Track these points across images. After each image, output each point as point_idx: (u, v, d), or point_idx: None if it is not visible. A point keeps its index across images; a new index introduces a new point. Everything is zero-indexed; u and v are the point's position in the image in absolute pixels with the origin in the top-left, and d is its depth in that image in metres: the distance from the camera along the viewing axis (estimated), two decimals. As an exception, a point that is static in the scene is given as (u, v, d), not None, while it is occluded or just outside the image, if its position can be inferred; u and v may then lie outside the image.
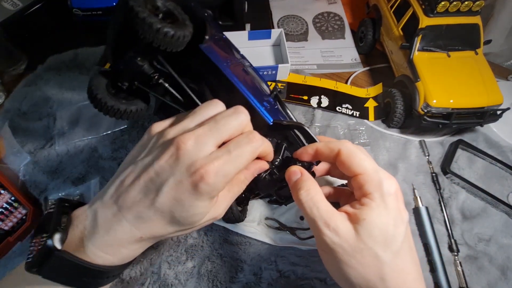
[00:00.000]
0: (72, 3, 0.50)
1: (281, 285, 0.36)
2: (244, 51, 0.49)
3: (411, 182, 0.44)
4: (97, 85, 0.30)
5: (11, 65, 0.55)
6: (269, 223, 0.39)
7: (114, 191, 0.25)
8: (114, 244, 0.24)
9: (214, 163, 0.23)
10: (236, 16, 0.54)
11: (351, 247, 0.23)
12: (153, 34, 0.25)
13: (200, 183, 0.22)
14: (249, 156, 0.25)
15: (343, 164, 0.26)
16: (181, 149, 0.23)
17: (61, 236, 0.24)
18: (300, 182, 0.27)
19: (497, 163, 0.45)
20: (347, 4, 0.66)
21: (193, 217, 0.24)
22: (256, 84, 0.35)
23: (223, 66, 0.30)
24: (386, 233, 0.24)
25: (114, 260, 0.25)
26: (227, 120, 0.25)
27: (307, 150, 0.28)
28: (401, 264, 0.24)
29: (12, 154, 0.45)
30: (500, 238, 0.40)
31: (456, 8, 0.44)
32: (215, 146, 0.24)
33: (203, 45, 0.29)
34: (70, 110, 0.49)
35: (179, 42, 0.27)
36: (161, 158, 0.23)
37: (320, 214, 0.25)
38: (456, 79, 0.43)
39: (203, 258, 0.38)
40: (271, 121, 0.30)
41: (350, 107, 0.51)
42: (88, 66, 0.54)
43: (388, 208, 0.24)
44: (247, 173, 0.27)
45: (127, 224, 0.24)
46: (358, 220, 0.24)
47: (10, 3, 0.55)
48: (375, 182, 0.25)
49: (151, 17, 0.25)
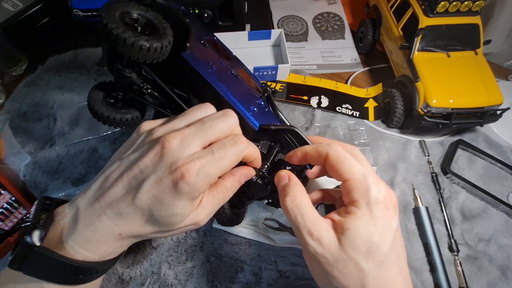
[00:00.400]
0: (72, 3, 0.50)
1: (281, 285, 0.36)
2: (244, 51, 0.49)
3: (411, 182, 0.44)
4: (94, 97, 0.32)
5: (11, 66, 0.55)
6: (268, 223, 0.39)
7: (98, 188, 0.25)
8: (92, 240, 0.24)
9: (196, 162, 0.23)
10: (236, 16, 0.54)
11: (333, 257, 0.23)
12: (128, 49, 0.25)
13: (180, 181, 0.22)
14: (233, 158, 0.25)
15: (332, 169, 0.26)
16: (165, 147, 0.23)
17: (40, 232, 0.24)
18: (287, 188, 0.26)
19: (497, 163, 0.45)
20: (347, 5, 0.66)
21: (172, 217, 0.24)
22: (245, 88, 0.35)
23: (206, 73, 0.30)
24: (370, 243, 0.23)
25: (93, 256, 0.25)
26: (215, 122, 0.25)
27: (296, 154, 0.28)
28: (385, 274, 0.23)
29: (12, 154, 0.46)
30: (500, 238, 0.40)
31: (456, 8, 0.44)
32: (200, 147, 0.24)
33: (185, 53, 0.30)
34: (70, 111, 0.49)
35: (157, 53, 0.27)
36: (146, 156, 0.24)
37: (304, 223, 0.24)
38: (456, 79, 0.43)
39: (203, 258, 0.38)
40: (257, 126, 0.30)
41: (350, 107, 0.51)
42: (88, 66, 0.55)
43: (374, 217, 0.24)
44: (234, 180, 0.27)
45: (106, 220, 0.24)
46: (342, 230, 0.23)
47: (11, 3, 0.55)
48: (363, 189, 0.24)
49: (125, 32, 0.25)
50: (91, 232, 0.24)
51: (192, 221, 0.26)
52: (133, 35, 0.25)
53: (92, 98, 0.32)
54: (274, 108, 0.36)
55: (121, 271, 0.37)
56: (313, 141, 0.31)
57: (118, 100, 0.33)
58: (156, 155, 0.24)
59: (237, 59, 0.40)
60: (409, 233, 0.40)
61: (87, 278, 0.26)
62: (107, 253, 0.26)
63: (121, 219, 0.24)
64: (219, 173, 0.24)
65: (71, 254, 0.24)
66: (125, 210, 0.24)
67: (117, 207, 0.24)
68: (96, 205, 0.24)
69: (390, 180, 0.44)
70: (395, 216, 0.25)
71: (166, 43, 0.27)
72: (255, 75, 0.52)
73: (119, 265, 0.37)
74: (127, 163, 0.25)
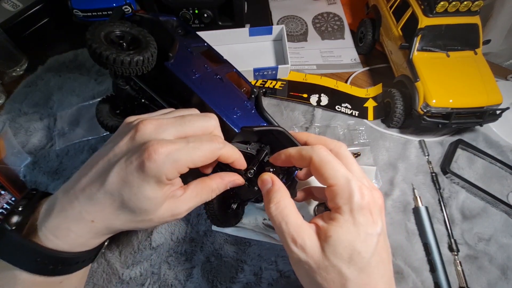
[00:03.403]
0: (72, 4, 0.50)
1: (282, 285, 0.36)
2: (244, 47, 0.49)
3: (411, 182, 0.44)
4: (100, 110, 0.37)
5: (11, 66, 0.55)
6: (267, 223, 0.40)
7: (76, 176, 0.25)
8: (63, 227, 0.24)
9: (167, 145, 0.23)
10: (236, 16, 0.55)
11: (316, 264, 0.23)
12: (111, 64, 0.28)
13: (146, 161, 0.22)
14: (207, 152, 0.25)
15: (316, 173, 0.26)
16: (139, 130, 0.24)
17: (17, 218, 0.24)
18: (270, 194, 0.26)
19: (496, 162, 0.45)
20: (346, 5, 0.66)
21: (143, 202, 0.24)
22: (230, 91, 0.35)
23: (188, 80, 0.31)
24: (352, 250, 0.23)
25: (63, 245, 0.24)
26: (194, 118, 0.26)
27: (280, 156, 0.28)
28: (366, 279, 0.23)
29: (12, 154, 0.46)
30: (500, 238, 0.40)
31: (455, 8, 0.44)
32: (175, 136, 0.25)
33: (168, 63, 0.32)
34: (71, 111, 0.49)
35: (140, 66, 0.29)
36: (121, 140, 0.24)
37: (288, 230, 0.24)
38: (455, 79, 0.44)
39: (203, 258, 0.38)
40: (239, 129, 0.30)
41: (349, 106, 0.51)
42: (88, 66, 0.55)
43: (357, 224, 0.24)
44: (220, 184, 0.27)
45: (78, 206, 0.24)
46: (325, 237, 0.24)
47: (11, 4, 0.55)
48: (345, 195, 0.24)
49: (107, 50, 0.27)
50: (62, 219, 0.24)
51: (171, 211, 0.25)
52: (115, 52, 0.28)
53: (99, 111, 0.36)
54: (261, 110, 0.36)
55: (121, 271, 0.37)
56: (300, 138, 0.30)
57: (121, 111, 0.37)
58: (130, 139, 0.24)
59: (228, 63, 0.41)
60: (409, 233, 0.40)
61: (60, 270, 0.25)
62: (78, 243, 0.25)
63: (92, 205, 0.24)
64: (189, 163, 0.24)
65: (42, 241, 0.24)
66: (96, 195, 0.23)
67: (89, 192, 0.24)
68: (71, 192, 0.24)
69: (390, 180, 0.44)
70: (379, 221, 0.24)
71: (148, 55, 0.29)
72: (255, 75, 0.52)
73: (119, 265, 0.37)
74: (105, 150, 0.25)
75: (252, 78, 0.52)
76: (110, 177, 0.23)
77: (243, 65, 0.46)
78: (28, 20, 0.55)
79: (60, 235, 0.24)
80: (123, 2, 0.51)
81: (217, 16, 0.54)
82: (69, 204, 0.24)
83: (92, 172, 0.24)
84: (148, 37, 0.31)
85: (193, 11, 0.52)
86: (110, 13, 0.51)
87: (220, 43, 0.55)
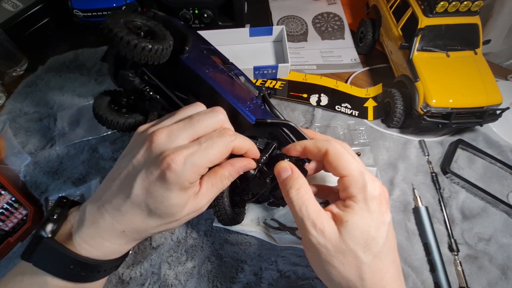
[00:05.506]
0: (72, 4, 0.50)
1: (282, 285, 0.36)
2: (244, 47, 0.49)
3: (411, 182, 0.44)
4: (99, 103, 0.35)
5: (11, 66, 0.55)
6: (268, 223, 0.40)
7: (101, 189, 0.27)
8: (97, 237, 0.26)
9: (183, 152, 0.24)
10: (236, 16, 0.55)
11: (334, 248, 0.24)
12: (132, 49, 0.27)
13: (167, 171, 0.23)
14: (221, 148, 0.25)
15: (330, 165, 0.27)
16: (153, 141, 0.25)
17: (52, 226, 0.25)
18: (291, 180, 0.27)
19: (496, 162, 0.45)
20: (346, 5, 0.66)
21: (170, 208, 0.25)
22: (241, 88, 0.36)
23: (203, 73, 0.32)
24: (367, 235, 0.24)
25: (98, 253, 0.26)
26: (202, 117, 0.26)
27: (296, 147, 0.29)
28: (380, 264, 0.25)
29: (12, 154, 0.46)
30: (500, 238, 0.40)
31: (455, 8, 0.44)
32: (188, 140, 0.25)
33: (183, 56, 0.32)
34: (71, 111, 0.49)
35: (158, 54, 0.29)
36: (138, 153, 0.25)
37: (308, 214, 0.25)
38: (455, 79, 0.44)
39: (203, 258, 0.38)
40: (253, 120, 0.31)
41: (349, 106, 0.51)
42: (88, 66, 0.55)
43: (371, 211, 0.25)
44: (232, 170, 0.28)
45: (108, 217, 0.25)
46: (341, 222, 0.25)
47: (11, 4, 0.55)
48: (360, 185, 0.26)
49: (129, 35, 0.27)
50: (96, 229, 0.25)
51: (193, 208, 0.27)
52: (136, 37, 0.27)
53: (97, 104, 0.35)
54: (270, 106, 0.37)
55: (121, 271, 0.37)
56: (308, 135, 0.32)
57: (122, 105, 0.35)
58: (146, 150, 0.25)
59: (233, 65, 0.42)
60: (409, 233, 0.40)
61: (90, 276, 0.27)
62: (111, 250, 0.27)
63: (121, 216, 0.25)
64: (206, 163, 0.25)
65: (77, 249, 0.25)
66: (123, 206, 0.25)
67: (116, 204, 0.25)
68: (99, 204, 0.26)
69: (390, 180, 0.44)
70: (388, 211, 0.26)
71: (167, 45, 0.30)
72: (256, 74, 0.52)
73: (119, 265, 0.37)
74: (125, 162, 0.26)
75: (252, 77, 0.52)
76: (134, 189, 0.24)
77: (243, 65, 0.46)
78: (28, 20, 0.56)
79: (95, 244, 0.26)
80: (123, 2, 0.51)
81: (217, 16, 0.54)
82: (100, 216, 0.26)
83: (115, 186, 0.25)
84: (164, 31, 0.31)
85: (193, 11, 0.52)
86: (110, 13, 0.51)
87: (220, 44, 0.55)
